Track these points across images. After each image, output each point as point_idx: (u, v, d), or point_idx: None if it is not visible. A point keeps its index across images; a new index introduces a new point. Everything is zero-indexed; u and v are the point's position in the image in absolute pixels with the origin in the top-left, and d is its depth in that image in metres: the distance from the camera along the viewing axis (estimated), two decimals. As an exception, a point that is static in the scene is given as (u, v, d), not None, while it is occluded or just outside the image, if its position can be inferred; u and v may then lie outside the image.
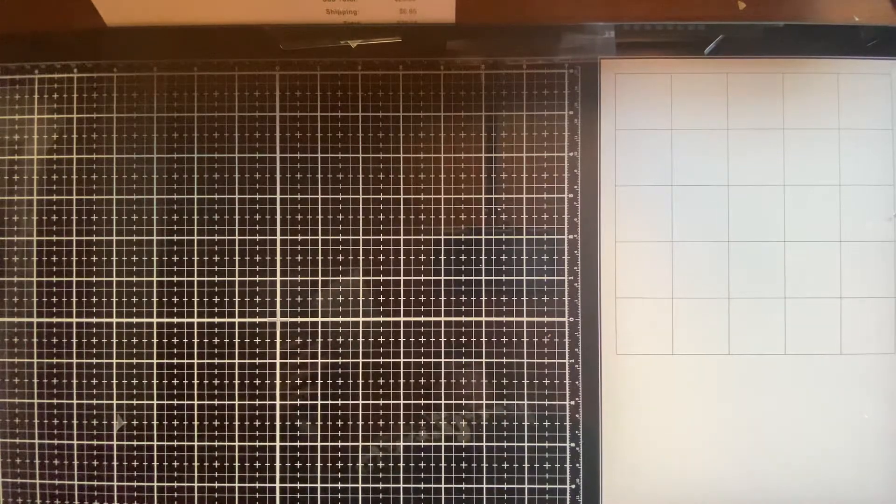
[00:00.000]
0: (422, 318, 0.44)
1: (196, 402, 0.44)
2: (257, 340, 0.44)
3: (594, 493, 0.43)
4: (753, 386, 0.43)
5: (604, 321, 0.44)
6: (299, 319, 0.44)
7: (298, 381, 0.44)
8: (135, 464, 0.44)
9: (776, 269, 0.44)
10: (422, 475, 0.43)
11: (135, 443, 0.44)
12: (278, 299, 0.44)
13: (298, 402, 0.44)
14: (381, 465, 0.43)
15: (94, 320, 0.44)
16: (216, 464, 0.43)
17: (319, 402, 0.44)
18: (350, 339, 0.44)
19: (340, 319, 0.44)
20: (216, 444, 0.44)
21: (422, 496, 0.43)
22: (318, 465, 0.43)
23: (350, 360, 0.44)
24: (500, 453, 0.43)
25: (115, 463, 0.44)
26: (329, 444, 0.44)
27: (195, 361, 0.44)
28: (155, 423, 0.44)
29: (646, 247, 0.44)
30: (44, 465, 0.44)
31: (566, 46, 0.44)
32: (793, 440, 0.43)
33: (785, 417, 0.43)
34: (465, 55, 0.44)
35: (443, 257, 0.44)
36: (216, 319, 0.44)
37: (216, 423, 0.44)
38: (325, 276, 0.44)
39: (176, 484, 0.43)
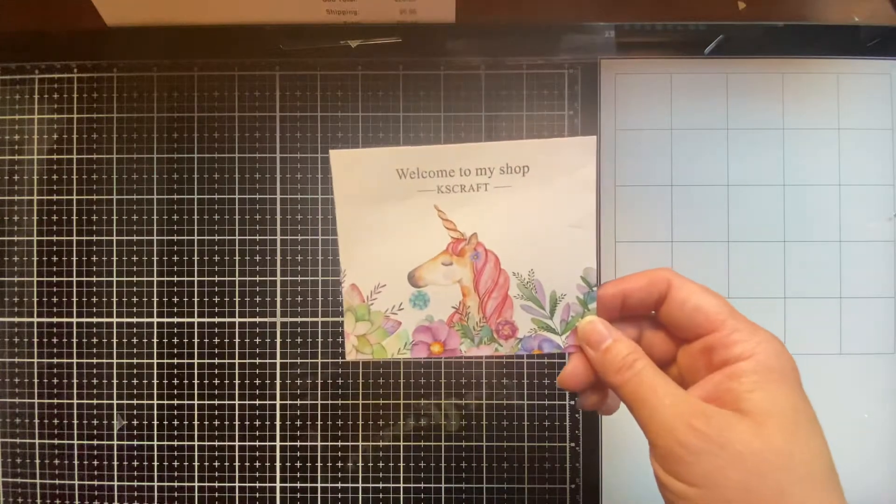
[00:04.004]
0: (422, 318, 0.44)
1: (196, 402, 0.44)
2: (257, 340, 0.44)
3: (594, 493, 0.43)
4: (753, 386, 0.43)
5: (604, 321, 0.43)
6: (299, 319, 0.44)
7: (298, 381, 0.44)
8: (135, 464, 0.44)
9: (776, 269, 0.44)
10: (422, 475, 0.43)
11: (135, 443, 0.44)
12: (278, 299, 0.44)
13: (298, 402, 0.44)
14: (380, 464, 0.43)
15: (94, 320, 0.44)
16: (216, 464, 0.43)
17: (319, 402, 0.44)
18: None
19: (340, 319, 0.44)
20: (216, 444, 0.44)
21: (422, 496, 0.43)
22: (318, 465, 0.43)
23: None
24: (500, 453, 0.43)
25: (115, 463, 0.44)
26: (329, 444, 0.44)
27: (195, 361, 0.44)
28: (155, 423, 0.44)
29: (646, 247, 0.44)
30: (44, 465, 0.44)
31: (566, 46, 0.44)
32: (793, 440, 0.43)
33: (785, 417, 0.43)
34: (465, 55, 0.44)
35: (443, 257, 0.44)
36: (216, 319, 0.44)
37: (216, 423, 0.44)
38: (325, 276, 0.44)
39: (176, 484, 0.43)
